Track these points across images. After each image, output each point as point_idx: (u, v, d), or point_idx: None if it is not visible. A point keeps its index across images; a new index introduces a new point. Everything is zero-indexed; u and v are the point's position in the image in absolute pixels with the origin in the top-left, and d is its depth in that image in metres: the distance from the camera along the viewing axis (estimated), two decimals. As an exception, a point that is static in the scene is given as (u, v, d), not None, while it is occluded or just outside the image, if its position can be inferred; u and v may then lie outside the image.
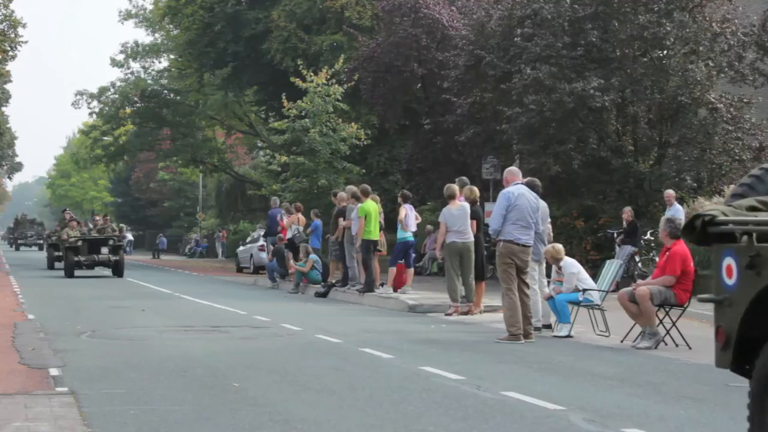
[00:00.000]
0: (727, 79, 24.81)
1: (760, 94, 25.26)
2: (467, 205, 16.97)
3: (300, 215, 25.99)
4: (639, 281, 13.04)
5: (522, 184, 13.57)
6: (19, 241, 78.76)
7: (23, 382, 9.37)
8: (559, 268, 13.91)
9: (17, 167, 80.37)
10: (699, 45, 23.88)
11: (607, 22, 24.48)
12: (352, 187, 22.26)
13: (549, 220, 15.14)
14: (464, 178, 17.99)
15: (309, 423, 7.44)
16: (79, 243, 31.07)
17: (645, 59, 24.98)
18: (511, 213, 13.08)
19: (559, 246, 14.18)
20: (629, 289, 12.65)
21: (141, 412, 7.80)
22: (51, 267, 35.84)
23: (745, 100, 24.49)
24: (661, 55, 25.04)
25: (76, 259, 30.66)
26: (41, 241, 73.96)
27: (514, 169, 14.08)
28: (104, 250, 30.98)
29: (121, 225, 42.62)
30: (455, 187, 17.12)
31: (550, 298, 13.86)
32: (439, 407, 8.06)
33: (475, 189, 17.58)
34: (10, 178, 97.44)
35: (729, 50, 23.98)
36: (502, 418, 7.64)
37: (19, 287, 24.85)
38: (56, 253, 35.00)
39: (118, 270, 31.45)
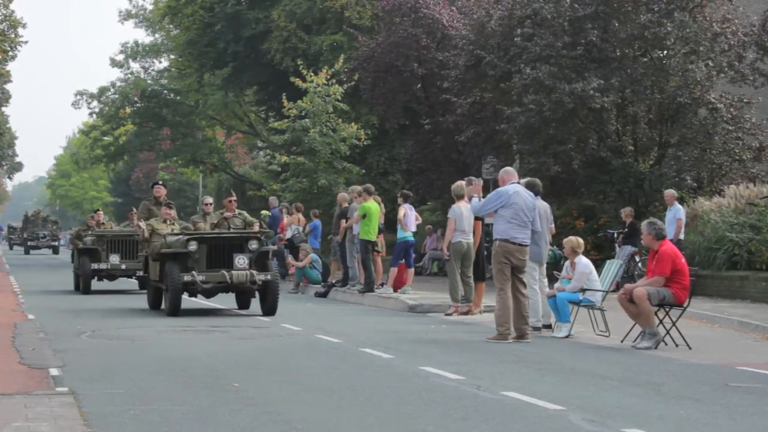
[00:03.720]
0: (727, 79, 24.81)
1: (760, 94, 25.26)
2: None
3: (300, 215, 25.98)
4: (627, 286, 13.02)
5: (519, 183, 13.54)
6: (29, 243, 63.87)
7: (23, 382, 9.37)
8: (573, 263, 13.84)
9: (17, 167, 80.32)
10: (699, 45, 23.88)
11: (608, 21, 24.47)
12: (357, 186, 22.27)
13: (551, 218, 15.10)
14: (472, 178, 17.97)
15: (309, 423, 7.44)
16: (192, 247, 16.46)
17: (645, 59, 24.98)
18: (506, 211, 13.05)
19: (582, 240, 14.19)
20: (621, 292, 12.64)
21: (141, 412, 7.80)
22: (86, 289, 22.75)
23: (745, 100, 24.49)
24: (661, 55, 25.04)
25: (187, 278, 16.24)
26: (56, 243, 63.28)
27: (509, 169, 14.05)
28: (240, 260, 16.49)
29: (265, 213, 26.93)
30: (465, 185, 17.10)
31: (552, 296, 13.82)
32: (439, 407, 8.06)
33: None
34: (10, 178, 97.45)
35: (729, 50, 23.98)
36: (502, 418, 7.64)
37: (19, 287, 24.84)
38: (97, 266, 22.81)
39: (267, 302, 16.66)
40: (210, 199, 18.46)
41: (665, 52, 24.77)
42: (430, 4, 31.36)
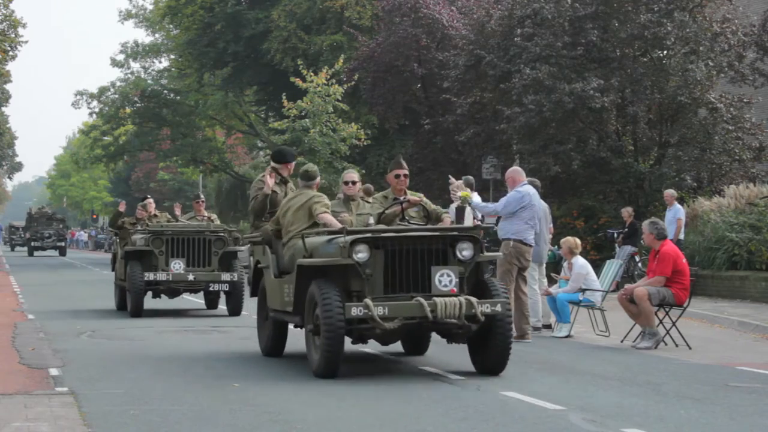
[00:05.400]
0: (727, 79, 24.82)
1: (760, 94, 25.26)
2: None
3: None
4: (627, 286, 13.03)
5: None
6: (33, 244, 57.39)
7: (23, 382, 9.37)
8: (570, 263, 13.85)
9: (17, 167, 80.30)
10: (699, 45, 23.88)
11: (608, 21, 24.49)
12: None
13: (550, 219, 15.11)
14: (470, 177, 17.95)
15: (309, 423, 7.44)
16: (362, 255, 9.37)
17: (645, 59, 24.99)
18: (525, 212, 13.09)
19: (579, 241, 14.21)
20: (622, 292, 12.65)
21: (141, 412, 7.81)
22: (136, 310, 16.33)
23: (745, 100, 24.49)
24: (661, 55, 25.05)
25: (357, 311, 9.23)
26: (62, 244, 58.63)
27: (519, 169, 14.05)
28: (445, 277, 9.48)
29: (465, 195, 13.50)
30: (464, 185, 17.05)
31: (548, 294, 13.84)
32: (439, 407, 8.06)
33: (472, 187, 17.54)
34: (10, 178, 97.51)
35: (729, 50, 23.99)
36: (502, 418, 7.64)
37: (19, 287, 24.83)
38: (152, 276, 16.33)
39: (491, 353, 9.72)
40: (355, 176, 11.17)
41: (665, 52, 24.78)
42: (430, 4, 31.36)
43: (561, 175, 24.81)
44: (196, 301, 19.03)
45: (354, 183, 10.99)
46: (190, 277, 16.45)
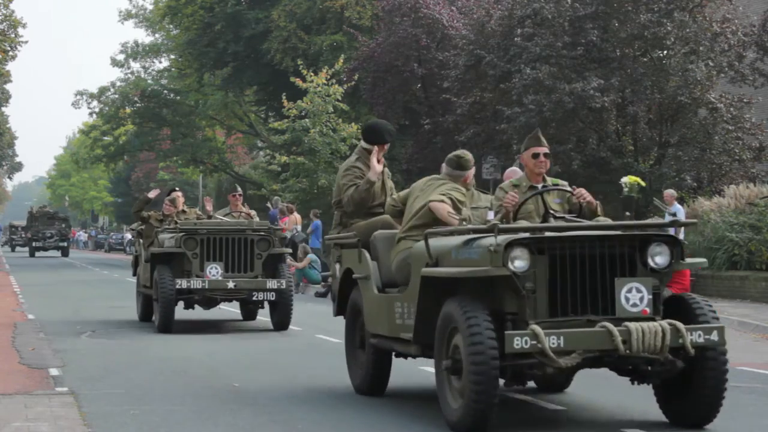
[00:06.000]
0: (727, 79, 24.81)
1: (760, 94, 25.25)
2: None
3: (295, 214, 26.02)
4: None
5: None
6: (34, 244, 55.63)
7: (23, 382, 9.38)
8: None
9: (17, 167, 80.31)
10: (699, 45, 23.89)
11: (608, 21, 24.50)
12: None
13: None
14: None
15: (309, 423, 7.44)
16: (521, 264, 6.73)
17: (645, 59, 25.00)
18: None
19: None
20: None
21: (141, 412, 7.81)
22: (166, 323, 13.92)
23: (745, 100, 24.48)
24: (661, 55, 25.05)
25: (521, 342, 6.58)
26: (65, 244, 56.88)
27: (517, 170, 14.03)
28: (634, 294, 6.97)
29: (632, 179, 11.13)
30: None
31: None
32: (438, 407, 8.05)
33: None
34: (10, 178, 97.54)
35: (729, 50, 24.00)
36: (503, 418, 7.64)
37: (19, 287, 24.83)
38: (185, 283, 14.02)
39: (699, 405, 7.11)
40: (470, 163, 8.91)
41: (665, 52, 24.78)
42: (430, 4, 31.37)
43: (561, 175, 24.83)
44: (232, 310, 16.75)
45: (472, 164, 8.79)
46: (230, 285, 13.99)
